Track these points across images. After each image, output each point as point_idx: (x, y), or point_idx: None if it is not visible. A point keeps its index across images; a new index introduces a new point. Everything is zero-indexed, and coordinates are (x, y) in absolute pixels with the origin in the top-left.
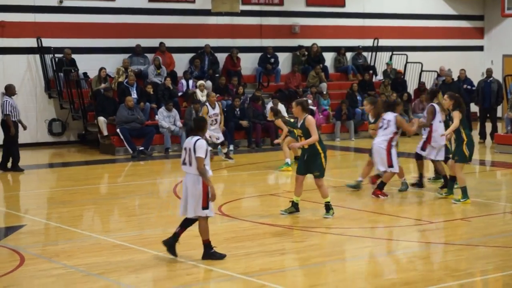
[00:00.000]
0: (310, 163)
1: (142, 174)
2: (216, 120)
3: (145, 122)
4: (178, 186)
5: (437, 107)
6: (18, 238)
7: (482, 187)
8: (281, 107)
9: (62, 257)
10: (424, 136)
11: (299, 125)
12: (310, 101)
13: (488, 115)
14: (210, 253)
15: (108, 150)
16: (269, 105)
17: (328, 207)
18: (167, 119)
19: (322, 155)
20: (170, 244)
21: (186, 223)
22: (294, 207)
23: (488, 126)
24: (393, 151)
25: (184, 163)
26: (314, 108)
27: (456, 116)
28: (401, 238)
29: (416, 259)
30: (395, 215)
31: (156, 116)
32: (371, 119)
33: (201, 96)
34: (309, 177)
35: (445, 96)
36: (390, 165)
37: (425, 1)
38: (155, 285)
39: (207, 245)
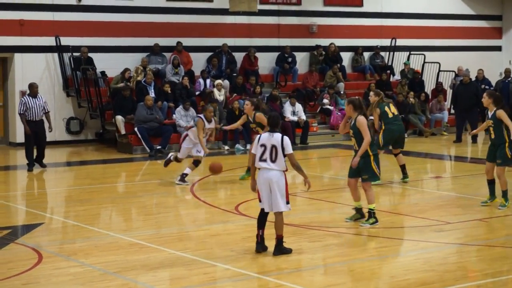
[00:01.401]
0: (360, 165)
1: (159, 173)
2: (208, 134)
3: (163, 121)
4: (195, 185)
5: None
6: (36, 236)
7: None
8: (298, 106)
9: (80, 255)
10: None
11: (350, 125)
12: (326, 101)
13: None
14: (281, 249)
15: (125, 149)
16: (287, 104)
17: (370, 215)
18: (184, 118)
19: (372, 158)
20: (263, 248)
21: (263, 222)
22: (359, 213)
23: None
24: None
25: (263, 160)
26: (332, 108)
27: (503, 115)
28: (418, 238)
29: (433, 259)
30: (412, 215)
31: (174, 115)
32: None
33: (218, 95)
34: (326, 176)
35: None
36: None
37: (443, 0)
38: (172, 284)
39: (280, 240)
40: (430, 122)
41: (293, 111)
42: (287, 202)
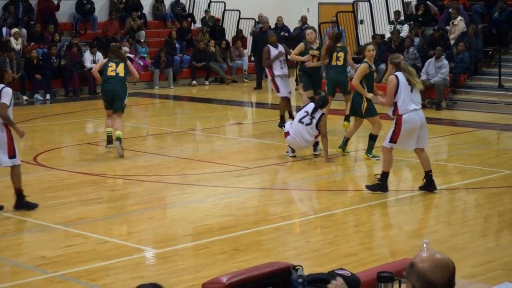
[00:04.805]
0: None
1: None
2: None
3: None
4: None
5: None
6: None
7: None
8: (99, 55)
9: None
10: None
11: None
12: (127, 49)
13: None
14: (22, 202)
15: None
16: (87, 53)
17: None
18: None
19: None
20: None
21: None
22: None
23: None
24: None
25: None
26: (132, 56)
27: None
28: (218, 184)
29: (232, 204)
30: (212, 162)
31: None
32: None
33: (15, 44)
34: (128, 125)
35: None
36: None
37: None
38: None
39: (20, 194)
40: (232, 70)
41: (94, 60)
42: (12, 156)
